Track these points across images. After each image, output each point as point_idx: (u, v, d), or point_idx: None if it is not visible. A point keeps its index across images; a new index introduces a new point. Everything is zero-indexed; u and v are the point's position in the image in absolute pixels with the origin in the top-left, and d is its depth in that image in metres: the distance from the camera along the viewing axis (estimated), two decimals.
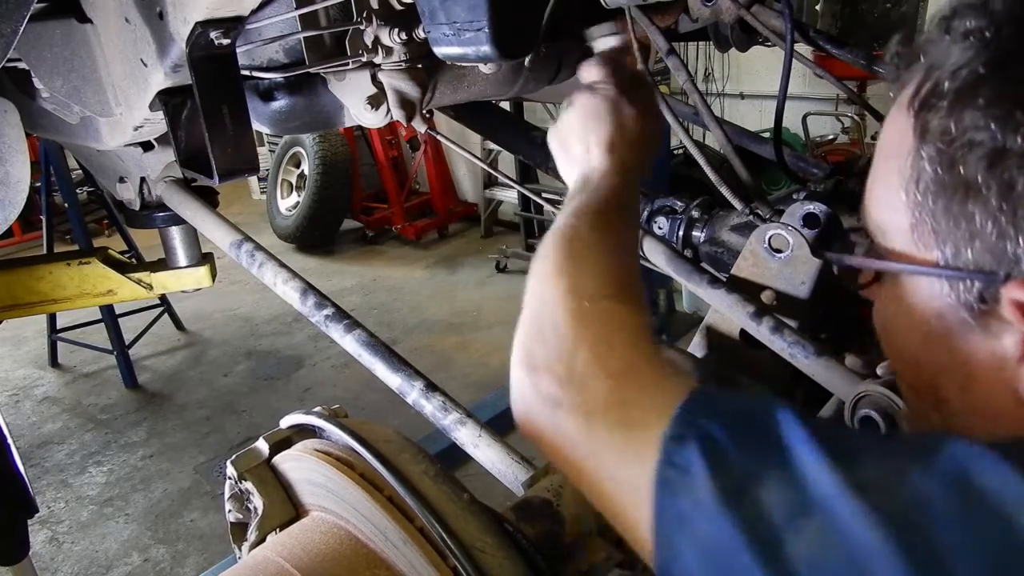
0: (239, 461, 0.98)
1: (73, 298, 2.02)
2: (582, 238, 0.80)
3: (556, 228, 0.82)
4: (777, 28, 1.46)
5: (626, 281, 0.76)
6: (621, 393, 0.64)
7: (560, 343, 0.69)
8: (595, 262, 0.77)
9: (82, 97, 1.36)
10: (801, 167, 1.87)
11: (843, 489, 0.48)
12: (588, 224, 0.82)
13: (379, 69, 1.26)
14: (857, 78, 4.18)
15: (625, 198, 0.90)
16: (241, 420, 4.50)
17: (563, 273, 0.76)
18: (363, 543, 0.86)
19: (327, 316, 1.24)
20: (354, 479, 0.86)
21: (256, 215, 8.00)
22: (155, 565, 3.43)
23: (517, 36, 1.13)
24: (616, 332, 0.70)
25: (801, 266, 1.10)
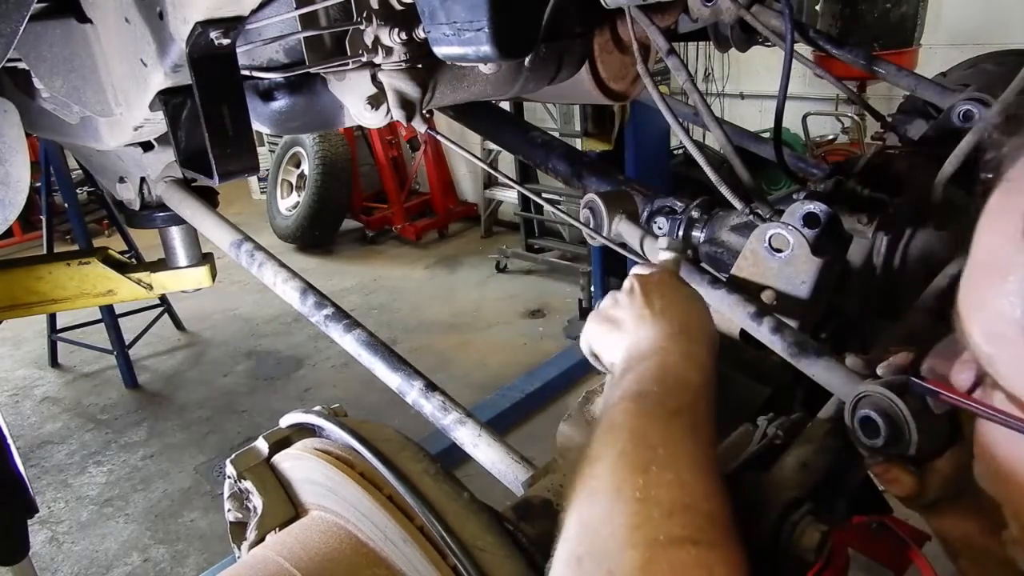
0: (238, 460, 0.98)
1: (73, 298, 2.02)
2: (650, 441, 0.60)
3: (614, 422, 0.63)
4: (777, 28, 1.46)
5: (712, 507, 0.56)
6: None
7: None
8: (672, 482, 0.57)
9: (82, 97, 1.36)
10: (801, 167, 1.87)
11: None
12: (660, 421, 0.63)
13: (379, 69, 1.26)
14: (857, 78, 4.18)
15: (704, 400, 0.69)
16: (241, 420, 4.50)
17: (623, 495, 0.56)
18: (363, 542, 0.86)
19: (327, 316, 1.24)
20: (354, 478, 0.86)
21: (256, 215, 8.00)
22: (155, 565, 3.43)
23: (517, 36, 1.13)
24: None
25: (801, 266, 1.10)
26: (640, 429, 0.62)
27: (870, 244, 1.25)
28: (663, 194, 1.53)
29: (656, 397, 0.67)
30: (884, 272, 1.26)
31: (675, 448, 0.60)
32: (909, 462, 0.85)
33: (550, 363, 4.62)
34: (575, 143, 4.29)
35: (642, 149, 4.41)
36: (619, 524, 0.54)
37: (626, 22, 1.32)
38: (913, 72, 1.66)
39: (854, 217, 1.22)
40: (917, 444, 0.81)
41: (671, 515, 0.54)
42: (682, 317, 0.80)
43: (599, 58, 1.55)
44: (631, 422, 0.63)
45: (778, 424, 0.90)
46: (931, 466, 0.86)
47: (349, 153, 7.01)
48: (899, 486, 0.86)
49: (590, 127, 4.51)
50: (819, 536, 0.72)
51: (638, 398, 0.66)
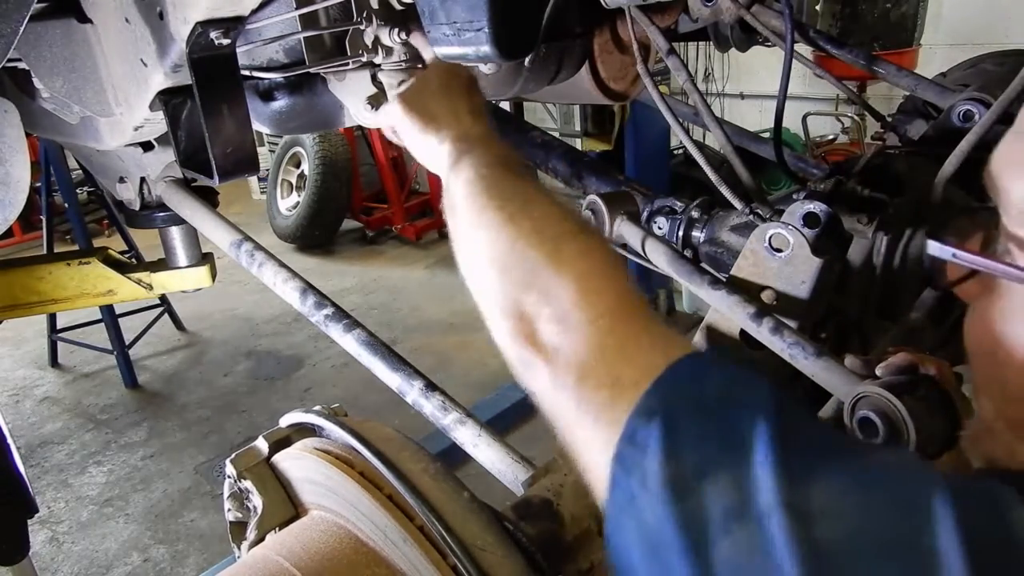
0: (238, 460, 0.98)
1: (73, 298, 2.02)
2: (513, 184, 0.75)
3: (471, 179, 0.76)
4: (777, 28, 1.46)
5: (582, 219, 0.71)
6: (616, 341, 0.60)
7: (545, 284, 0.64)
8: (541, 203, 0.71)
9: (82, 97, 1.36)
10: (801, 167, 1.87)
11: (781, 508, 0.45)
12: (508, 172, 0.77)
13: (379, 69, 1.26)
14: (857, 78, 4.18)
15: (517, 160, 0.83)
16: (241, 420, 4.50)
17: (514, 215, 0.69)
18: (363, 542, 0.86)
19: (327, 316, 1.25)
20: (354, 477, 0.86)
21: (256, 215, 8.00)
22: (155, 565, 3.43)
23: (517, 36, 1.13)
24: (601, 269, 0.64)
25: (801, 265, 1.10)
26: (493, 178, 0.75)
27: (870, 244, 1.25)
28: (663, 194, 1.53)
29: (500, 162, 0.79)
30: (884, 272, 1.26)
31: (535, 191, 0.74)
32: None
33: None
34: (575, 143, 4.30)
35: (642, 149, 4.41)
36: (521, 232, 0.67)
37: (626, 22, 1.32)
38: (913, 72, 1.66)
39: (854, 217, 1.22)
40: (916, 444, 0.82)
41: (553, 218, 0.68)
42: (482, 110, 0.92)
43: (599, 58, 1.55)
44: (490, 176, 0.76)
45: None
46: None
47: (349, 153, 7.00)
48: None
49: (590, 127, 4.52)
50: None
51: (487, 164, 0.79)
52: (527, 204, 0.71)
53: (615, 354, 0.59)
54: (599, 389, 0.58)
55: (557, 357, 0.61)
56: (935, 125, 1.51)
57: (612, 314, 0.61)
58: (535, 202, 0.71)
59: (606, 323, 0.61)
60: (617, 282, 0.64)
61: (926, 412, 0.85)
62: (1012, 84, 1.18)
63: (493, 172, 0.76)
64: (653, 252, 1.23)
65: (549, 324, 0.62)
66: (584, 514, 0.93)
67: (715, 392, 0.54)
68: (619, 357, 0.59)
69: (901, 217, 1.26)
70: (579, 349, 0.60)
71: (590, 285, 0.63)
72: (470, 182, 0.75)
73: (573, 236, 0.66)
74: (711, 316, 1.15)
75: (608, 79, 1.60)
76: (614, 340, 0.60)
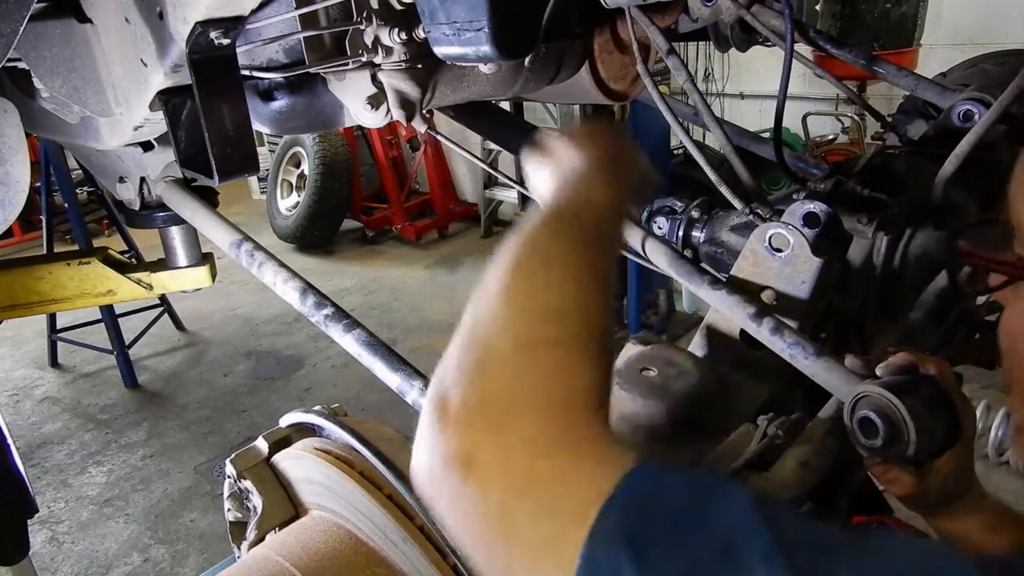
0: (238, 460, 0.98)
1: (73, 298, 2.02)
2: (543, 250, 0.67)
3: (518, 233, 0.69)
4: (777, 28, 1.46)
5: (588, 319, 0.62)
6: (552, 466, 0.52)
7: (487, 385, 0.57)
8: (554, 286, 0.63)
9: (82, 97, 1.36)
10: (801, 167, 1.87)
11: None
12: (555, 235, 0.69)
13: (379, 69, 1.26)
14: (857, 78, 4.18)
15: (611, 217, 0.77)
16: (241, 420, 4.50)
17: (510, 292, 0.63)
18: (363, 541, 0.86)
19: (327, 316, 1.24)
20: (354, 477, 0.86)
21: (256, 215, 8.00)
22: (155, 565, 3.43)
23: (517, 36, 1.13)
24: (559, 386, 0.56)
25: (801, 266, 1.10)
26: (535, 238, 0.69)
27: (870, 244, 1.25)
28: (663, 194, 1.53)
29: (558, 212, 0.74)
30: (884, 272, 1.26)
31: (563, 257, 0.66)
32: (908, 462, 0.85)
33: None
34: None
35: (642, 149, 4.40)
36: (500, 320, 0.61)
37: (626, 22, 1.32)
38: (913, 72, 1.66)
39: (854, 217, 1.22)
40: (916, 444, 0.81)
41: (545, 320, 0.60)
42: (608, 149, 0.87)
43: (599, 58, 1.55)
44: (531, 232, 0.69)
45: (778, 424, 0.90)
46: (931, 467, 0.86)
47: (349, 153, 7.00)
48: (899, 486, 0.86)
49: None
50: None
51: (544, 214, 0.73)
52: (538, 280, 0.64)
53: (554, 481, 0.51)
54: (536, 521, 0.50)
55: (482, 478, 0.53)
56: (935, 125, 1.51)
57: (558, 443, 0.53)
58: (551, 281, 0.64)
59: (548, 451, 0.53)
60: (572, 408, 0.55)
61: (926, 412, 0.84)
62: (1012, 84, 1.18)
63: (543, 230, 0.70)
64: (653, 252, 1.23)
65: (475, 440, 0.54)
66: None
67: (682, 504, 0.47)
68: (559, 484, 0.51)
69: (901, 217, 1.26)
70: (512, 475, 0.52)
71: (536, 405, 0.55)
72: (513, 237, 0.69)
73: (553, 340, 0.59)
74: (711, 316, 1.15)
75: (608, 79, 1.60)
76: (550, 470, 0.52)
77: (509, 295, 0.63)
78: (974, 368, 1.39)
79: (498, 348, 0.59)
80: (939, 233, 1.27)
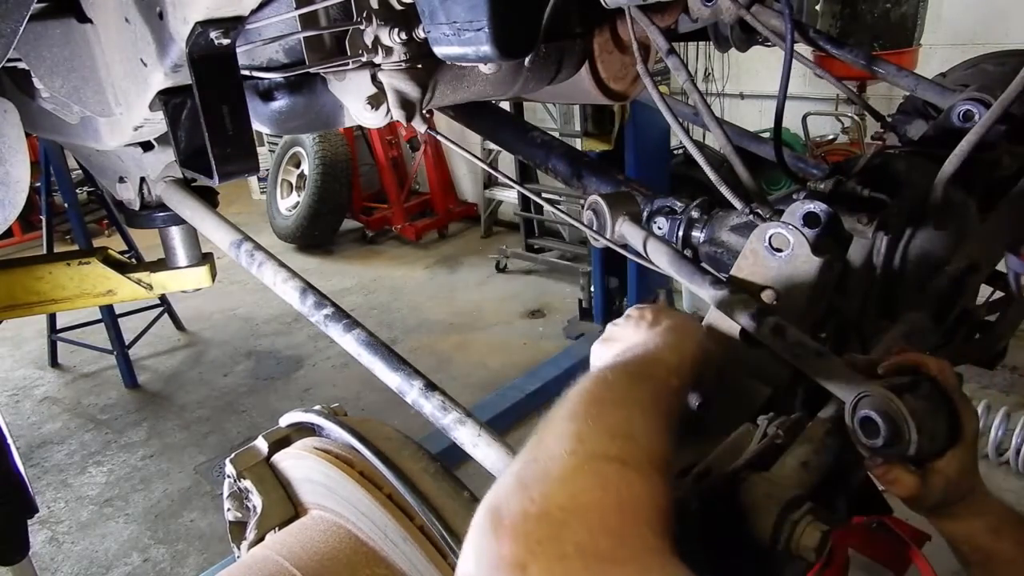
0: (238, 459, 0.98)
1: (73, 298, 2.02)
2: (608, 383, 0.70)
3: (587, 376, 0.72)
4: (777, 28, 1.46)
5: (652, 447, 0.63)
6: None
7: (547, 497, 0.56)
8: (622, 414, 0.65)
9: (82, 97, 1.36)
10: (801, 167, 1.87)
11: None
12: (621, 373, 0.73)
13: (379, 69, 1.26)
14: (857, 78, 4.18)
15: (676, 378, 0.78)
16: (241, 420, 4.50)
17: (575, 416, 0.64)
18: (363, 541, 0.86)
19: (326, 316, 1.24)
20: (353, 477, 0.86)
21: (256, 215, 8.00)
22: (155, 565, 3.43)
23: (517, 36, 1.13)
24: (620, 502, 0.57)
25: (802, 265, 1.10)
26: (606, 377, 0.71)
27: (870, 244, 1.25)
28: (663, 194, 1.53)
29: (629, 364, 0.76)
30: (884, 272, 1.26)
31: (632, 396, 0.68)
32: (910, 462, 0.85)
33: (550, 363, 4.62)
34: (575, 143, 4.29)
35: (642, 149, 4.41)
36: (565, 436, 0.61)
37: (626, 22, 1.32)
38: (913, 72, 1.66)
39: (854, 217, 1.22)
40: (917, 444, 0.81)
41: (612, 438, 0.61)
42: (672, 323, 0.88)
43: (599, 58, 1.55)
44: (600, 373, 0.72)
45: (778, 424, 0.90)
46: (933, 467, 0.86)
47: (349, 153, 7.01)
48: (900, 487, 0.86)
49: (590, 127, 4.51)
50: (819, 535, 0.72)
51: (613, 364, 0.76)
52: (602, 406, 0.65)
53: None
54: None
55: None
56: (935, 125, 1.51)
57: (612, 563, 0.53)
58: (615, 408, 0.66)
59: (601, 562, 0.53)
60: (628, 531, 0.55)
61: (927, 412, 0.84)
62: (1012, 84, 1.18)
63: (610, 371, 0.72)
64: (655, 253, 1.23)
65: (529, 551, 0.54)
66: None
67: None
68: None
69: (901, 217, 1.26)
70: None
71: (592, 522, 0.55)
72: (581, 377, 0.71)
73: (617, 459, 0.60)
74: (711, 315, 1.15)
75: (608, 79, 1.60)
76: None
77: (577, 415, 0.64)
78: (974, 368, 1.39)
79: (561, 461, 0.59)
80: (939, 233, 1.27)
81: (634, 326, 0.90)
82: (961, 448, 0.87)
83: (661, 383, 0.75)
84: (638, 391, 0.70)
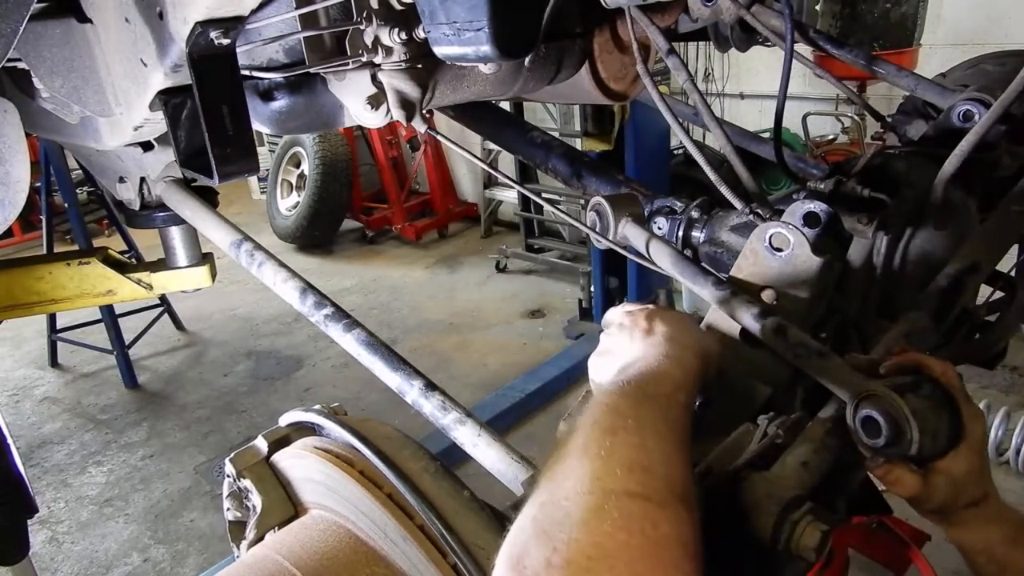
0: (237, 459, 0.98)
1: (73, 298, 2.02)
2: (616, 410, 0.67)
3: (593, 401, 0.71)
4: (777, 28, 1.46)
5: (672, 476, 0.61)
6: None
7: (568, 549, 0.54)
8: (636, 443, 0.63)
9: (82, 97, 1.36)
10: (801, 167, 1.87)
11: None
12: (626, 396, 0.70)
13: (379, 69, 1.26)
14: (857, 78, 4.18)
15: (684, 393, 0.76)
16: (241, 420, 4.50)
17: (587, 451, 0.62)
18: (362, 541, 0.86)
19: (326, 316, 1.24)
20: (353, 476, 0.86)
21: (256, 215, 8.00)
22: (155, 565, 3.43)
23: (517, 36, 1.13)
24: (646, 540, 0.55)
25: (802, 265, 1.10)
26: (614, 403, 0.69)
27: (870, 244, 1.25)
28: (663, 194, 1.53)
29: (634, 384, 0.74)
30: (884, 272, 1.26)
31: (644, 421, 0.66)
32: (912, 462, 0.85)
33: (550, 363, 4.62)
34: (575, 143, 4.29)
35: (642, 149, 4.41)
36: (581, 475, 0.59)
37: (626, 22, 1.32)
38: (913, 72, 1.66)
39: (854, 217, 1.22)
40: (919, 443, 0.81)
41: (630, 472, 0.59)
42: (669, 331, 0.86)
43: (599, 58, 1.55)
44: (607, 399, 0.70)
45: (778, 424, 0.90)
46: (936, 467, 0.85)
47: (349, 153, 7.01)
48: (902, 486, 0.86)
49: (590, 127, 4.50)
50: (819, 535, 0.72)
51: (617, 385, 0.74)
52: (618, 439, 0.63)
53: None
54: None
55: None
56: (935, 125, 1.51)
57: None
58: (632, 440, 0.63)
59: None
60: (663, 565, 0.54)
61: (930, 411, 0.84)
62: (1012, 84, 1.18)
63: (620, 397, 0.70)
64: (657, 254, 1.23)
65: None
66: None
67: None
68: None
69: (901, 217, 1.26)
70: None
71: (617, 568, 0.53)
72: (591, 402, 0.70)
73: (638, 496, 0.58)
74: (711, 315, 1.15)
75: (608, 79, 1.60)
76: None
77: (590, 450, 0.62)
78: (974, 368, 1.39)
79: (581, 502, 0.57)
80: (939, 233, 1.27)
81: (628, 337, 0.87)
82: (965, 448, 0.86)
83: (669, 401, 0.73)
84: (647, 415, 0.68)
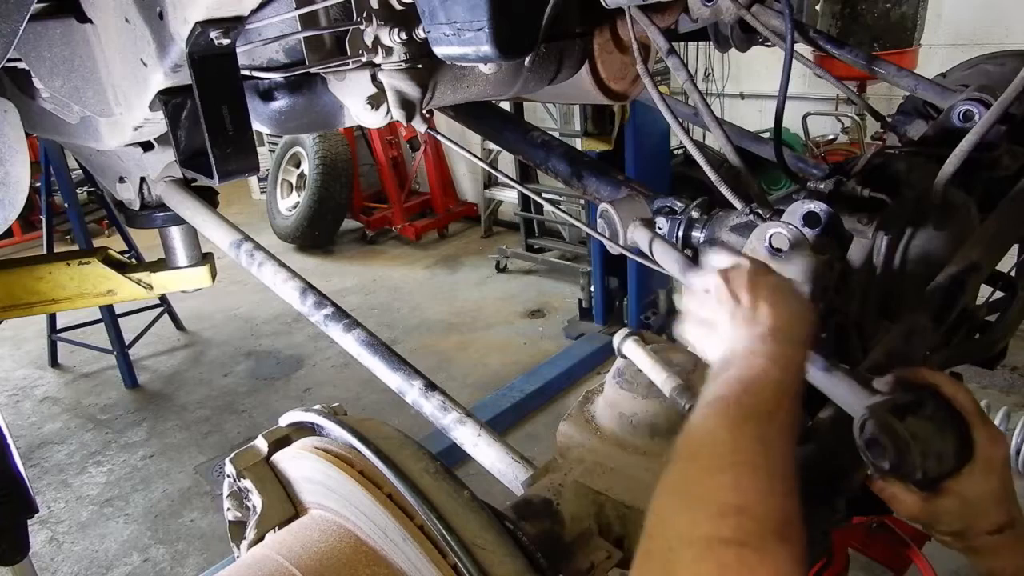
0: (238, 459, 0.98)
1: (73, 298, 2.02)
2: (721, 445, 0.65)
3: (692, 424, 0.68)
4: (777, 28, 1.46)
5: (767, 512, 0.60)
6: None
7: None
8: (729, 484, 0.61)
9: (82, 97, 1.36)
10: (801, 167, 1.86)
11: None
12: (724, 418, 0.68)
13: (379, 69, 1.26)
14: (857, 78, 4.18)
15: (786, 399, 0.72)
16: (241, 420, 4.50)
17: (685, 492, 0.62)
18: (362, 541, 0.86)
19: (326, 316, 1.25)
20: (353, 476, 0.86)
21: (256, 215, 8.00)
22: (155, 565, 3.43)
23: (517, 36, 1.13)
24: None
25: (802, 265, 1.10)
26: (711, 433, 0.67)
27: (870, 244, 1.25)
28: (663, 194, 1.53)
29: (734, 401, 0.71)
30: (884, 272, 1.26)
31: (741, 452, 0.65)
32: (920, 485, 0.83)
33: (550, 363, 4.62)
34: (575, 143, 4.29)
35: (642, 149, 4.41)
36: (681, 522, 0.60)
37: (626, 22, 1.32)
38: (913, 72, 1.66)
39: (854, 217, 1.22)
40: (922, 467, 0.80)
41: (723, 518, 0.59)
42: (773, 314, 0.80)
43: (599, 58, 1.55)
44: (706, 425, 0.68)
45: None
46: (946, 488, 0.83)
47: (349, 153, 7.01)
48: (898, 505, 0.84)
49: (590, 127, 4.51)
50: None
51: (717, 403, 0.71)
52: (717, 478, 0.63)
53: None
54: None
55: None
56: (935, 125, 1.51)
57: None
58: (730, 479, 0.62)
59: None
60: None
61: (934, 432, 0.82)
62: (1012, 84, 1.18)
63: (717, 422, 0.68)
64: (657, 252, 1.23)
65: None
66: (584, 514, 0.93)
67: None
68: None
69: (901, 217, 1.26)
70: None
71: None
72: (688, 429, 0.68)
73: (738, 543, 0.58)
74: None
75: (608, 79, 1.60)
76: None
77: (686, 491, 0.63)
78: (974, 368, 1.39)
79: (679, 555, 0.58)
80: (939, 233, 1.27)
81: (730, 315, 0.82)
82: (978, 469, 0.83)
83: (770, 418, 0.69)
84: (745, 445, 0.65)
